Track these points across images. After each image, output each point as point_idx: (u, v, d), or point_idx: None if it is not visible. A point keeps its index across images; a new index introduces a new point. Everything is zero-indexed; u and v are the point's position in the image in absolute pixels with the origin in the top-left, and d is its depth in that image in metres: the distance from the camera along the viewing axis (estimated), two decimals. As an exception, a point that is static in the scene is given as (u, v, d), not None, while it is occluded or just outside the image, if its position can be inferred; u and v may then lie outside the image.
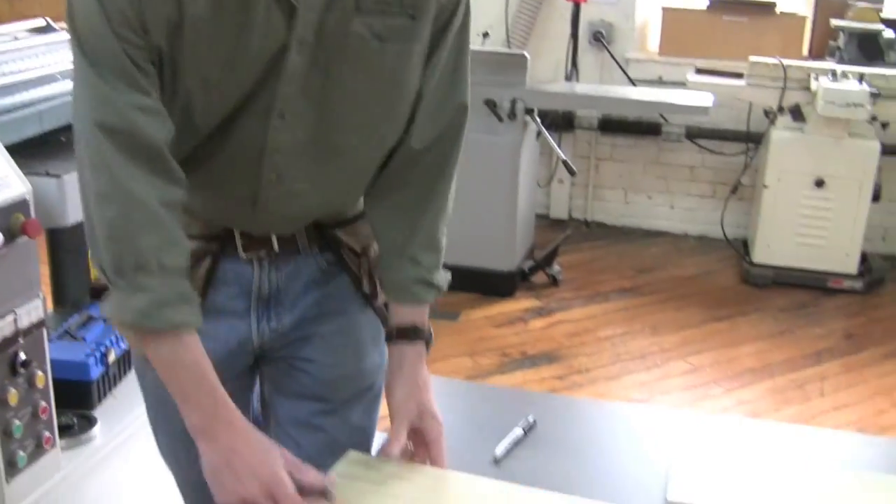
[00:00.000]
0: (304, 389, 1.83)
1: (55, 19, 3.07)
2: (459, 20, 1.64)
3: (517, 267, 5.25)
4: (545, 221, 6.37)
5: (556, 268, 5.47)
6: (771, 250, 5.47)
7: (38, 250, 2.32)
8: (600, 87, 5.84)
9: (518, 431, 1.97)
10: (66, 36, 2.93)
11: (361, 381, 1.85)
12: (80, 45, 1.44)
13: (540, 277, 5.44)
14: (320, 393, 1.83)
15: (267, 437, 1.57)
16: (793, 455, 1.94)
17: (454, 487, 1.69)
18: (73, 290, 3.16)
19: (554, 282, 5.44)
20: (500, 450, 1.90)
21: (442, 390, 2.19)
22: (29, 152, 2.47)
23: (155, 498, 2.97)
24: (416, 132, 1.68)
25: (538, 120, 5.02)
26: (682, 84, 5.60)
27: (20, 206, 2.21)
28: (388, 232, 1.76)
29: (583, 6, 5.71)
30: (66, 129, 2.73)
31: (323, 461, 1.68)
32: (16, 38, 2.85)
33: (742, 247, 5.84)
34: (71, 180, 2.40)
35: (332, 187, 1.70)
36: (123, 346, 2.84)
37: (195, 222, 1.67)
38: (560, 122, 6.03)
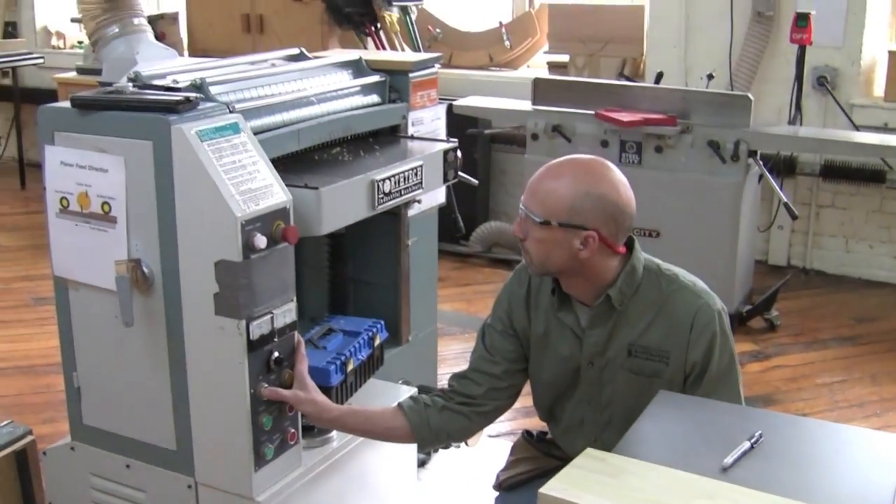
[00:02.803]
0: None
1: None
2: (707, 377, 2.39)
3: (735, 310, 5.23)
4: (763, 267, 6.31)
5: (774, 313, 5.43)
6: None
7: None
8: (824, 130, 5.78)
9: (745, 444, 2.02)
10: (318, 63, 3.14)
11: None
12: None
13: (757, 322, 5.41)
14: None
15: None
16: None
17: (685, 485, 1.76)
18: (312, 304, 3.35)
19: (771, 326, 5.40)
20: (728, 459, 1.96)
21: (673, 404, 2.27)
22: (288, 166, 2.65)
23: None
24: None
25: (761, 163, 5.02)
26: (909, 131, 5.50)
27: (281, 213, 2.39)
28: None
29: (808, 50, 5.67)
30: (321, 147, 2.93)
31: None
32: (273, 65, 3.07)
33: (968, 299, 5.66)
34: (327, 193, 2.58)
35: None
36: (361, 356, 3.00)
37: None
38: (781, 166, 5.98)
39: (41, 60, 8.29)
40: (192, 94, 2.45)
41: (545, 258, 2.37)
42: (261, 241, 2.32)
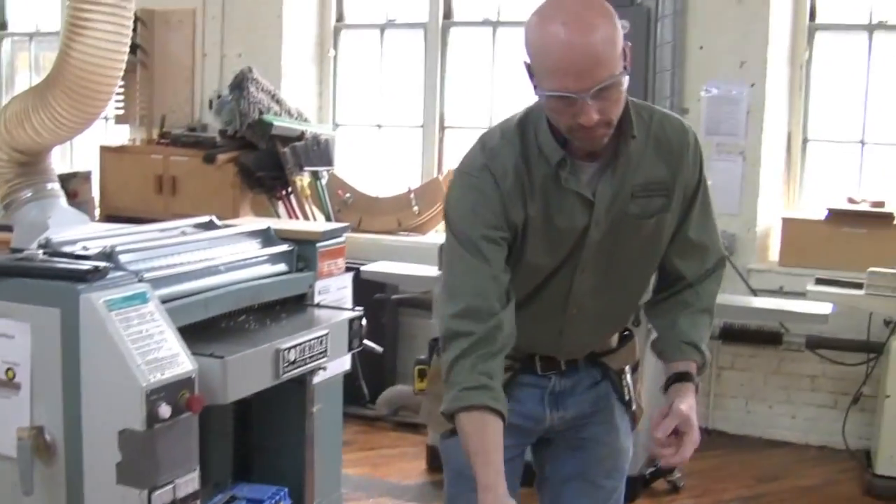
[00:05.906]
0: (576, 461, 2.62)
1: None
2: (700, 194, 2.43)
3: (638, 472, 5.27)
4: (666, 428, 6.38)
5: (677, 474, 5.47)
6: (895, 461, 5.39)
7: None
8: (722, 296, 5.90)
9: None
10: (228, 232, 3.21)
11: (617, 458, 2.65)
12: (455, 235, 2.32)
13: (660, 484, 5.45)
14: (586, 464, 2.62)
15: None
16: None
17: None
18: (216, 471, 3.34)
19: (675, 489, 5.43)
20: None
21: None
22: (195, 335, 2.69)
23: None
24: (688, 271, 2.53)
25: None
26: (802, 294, 5.64)
27: (186, 382, 2.42)
28: (664, 321, 2.53)
29: (705, 218, 5.84)
30: (229, 315, 2.98)
31: None
32: (183, 233, 3.13)
33: (865, 458, 5.75)
34: (232, 362, 2.61)
35: (611, 317, 2.54)
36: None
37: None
38: (682, 329, 6.11)
39: (-52, 219, 8.22)
40: (102, 263, 2.50)
41: (618, 111, 2.21)
42: (165, 410, 2.34)
